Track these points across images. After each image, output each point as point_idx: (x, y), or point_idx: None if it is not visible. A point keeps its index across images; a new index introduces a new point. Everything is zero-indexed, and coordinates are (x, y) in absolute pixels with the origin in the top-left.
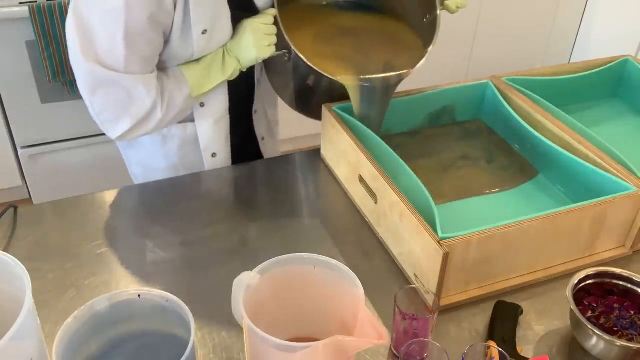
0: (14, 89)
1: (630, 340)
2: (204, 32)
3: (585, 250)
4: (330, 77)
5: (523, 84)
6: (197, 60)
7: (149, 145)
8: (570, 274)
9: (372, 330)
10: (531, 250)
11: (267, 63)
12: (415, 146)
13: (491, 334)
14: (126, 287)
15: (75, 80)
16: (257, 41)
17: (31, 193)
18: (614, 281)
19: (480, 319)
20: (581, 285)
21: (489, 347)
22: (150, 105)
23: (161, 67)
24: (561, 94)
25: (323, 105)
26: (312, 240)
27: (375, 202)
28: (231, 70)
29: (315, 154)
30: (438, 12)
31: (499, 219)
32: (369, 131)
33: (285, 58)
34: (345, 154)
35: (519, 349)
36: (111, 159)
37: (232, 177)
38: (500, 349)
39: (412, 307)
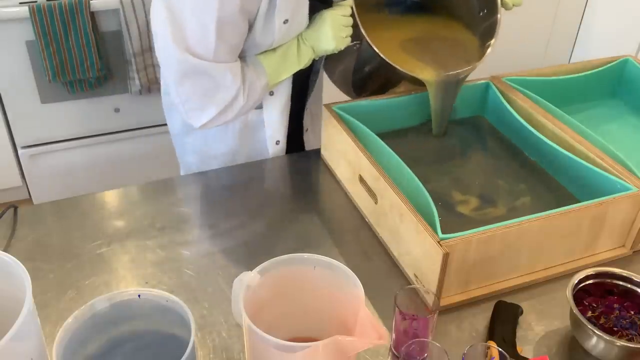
0: (14, 89)
1: (630, 340)
2: (285, 21)
3: (585, 250)
4: (410, 74)
5: (523, 84)
6: (274, 49)
7: (208, 131)
8: (570, 274)
9: (372, 330)
10: (531, 250)
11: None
12: (415, 146)
13: (491, 334)
14: (126, 287)
15: (75, 81)
16: (336, 32)
17: (31, 193)
18: (614, 281)
19: (480, 319)
20: (581, 285)
21: (489, 347)
22: (235, 93)
23: (240, 56)
24: (561, 94)
25: (323, 106)
26: (312, 240)
27: (375, 202)
28: (307, 59)
29: (315, 154)
30: (498, 15)
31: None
32: (369, 131)
33: (355, 48)
34: (345, 154)
35: (519, 349)
36: (111, 159)
37: (230, 179)
38: (500, 349)
39: (412, 307)
